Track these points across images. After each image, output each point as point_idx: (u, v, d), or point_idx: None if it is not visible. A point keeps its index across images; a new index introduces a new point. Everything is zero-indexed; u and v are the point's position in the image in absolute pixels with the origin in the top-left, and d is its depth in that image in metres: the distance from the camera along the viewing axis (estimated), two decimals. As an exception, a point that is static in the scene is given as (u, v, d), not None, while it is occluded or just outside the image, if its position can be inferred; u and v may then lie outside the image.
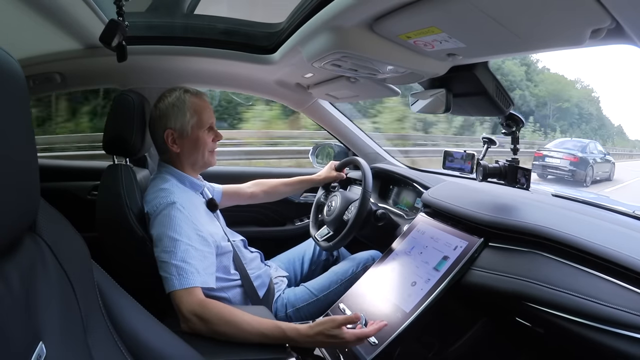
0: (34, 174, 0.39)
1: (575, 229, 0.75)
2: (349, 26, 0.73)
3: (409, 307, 0.85)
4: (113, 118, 0.95)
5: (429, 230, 1.03)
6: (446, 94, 0.95)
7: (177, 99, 0.96)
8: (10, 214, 0.36)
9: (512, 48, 0.71)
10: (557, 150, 7.77)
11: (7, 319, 0.35)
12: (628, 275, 0.63)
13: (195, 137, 0.97)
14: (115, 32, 0.81)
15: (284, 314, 1.06)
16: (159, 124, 0.96)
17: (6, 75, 0.35)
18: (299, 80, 1.32)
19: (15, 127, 0.36)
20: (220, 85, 1.52)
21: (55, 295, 0.41)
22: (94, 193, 1.39)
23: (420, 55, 0.82)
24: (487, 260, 0.84)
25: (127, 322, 0.51)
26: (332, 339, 0.75)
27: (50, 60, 1.14)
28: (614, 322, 0.60)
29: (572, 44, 0.62)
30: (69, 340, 0.41)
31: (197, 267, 0.82)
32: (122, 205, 0.89)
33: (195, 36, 1.14)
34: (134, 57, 0.98)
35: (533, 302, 0.70)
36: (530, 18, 0.57)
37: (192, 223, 0.87)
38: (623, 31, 0.55)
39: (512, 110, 0.97)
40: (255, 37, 1.14)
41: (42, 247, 0.43)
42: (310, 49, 0.87)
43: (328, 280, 1.13)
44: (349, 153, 1.66)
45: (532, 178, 0.94)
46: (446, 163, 1.13)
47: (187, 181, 0.99)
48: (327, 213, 1.31)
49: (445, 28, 0.65)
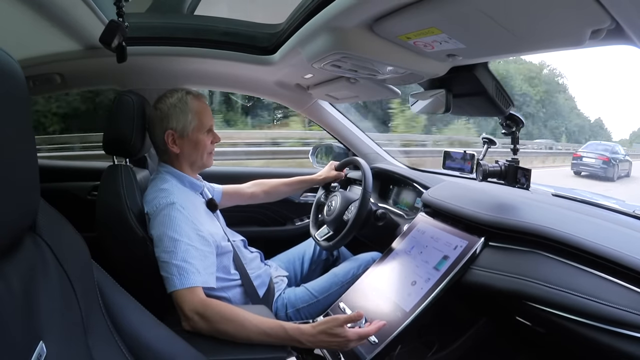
0: (34, 174, 0.39)
1: (576, 228, 0.76)
2: (349, 27, 0.73)
3: (409, 307, 0.85)
4: (113, 119, 0.95)
5: (429, 229, 1.03)
6: (446, 94, 0.95)
7: (179, 100, 0.96)
8: (11, 214, 0.36)
9: (511, 49, 0.72)
10: (591, 151, 9.78)
11: (7, 318, 0.35)
12: (628, 274, 0.63)
13: (195, 138, 0.97)
14: (115, 33, 0.81)
15: (284, 314, 1.06)
16: (160, 124, 0.96)
17: (6, 75, 0.35)
18: (298, 80, 1.32)
19: (15, 127, 0.36)
20: (220, 86, 1.52)
21: (55, 295, 0.41)
22: (94, 193, 1.39)
23: (420, 56, 0.82)
24: (487, 259, 0.84)
25: (127, 321, 0.51)
26: (335, 337, 0.75)
27: (50, 60, 1.14)
28: (614, 321, 0.60)
29: (572, 45, 0.62)
30: (69, 340, 0.41)
31: (198, 267, 0.83)
32: (122, 205, 0.89)
33: (195, 37, 1.14)
34: (133, 58, 0.98)
35: (533, 302, 0.70)
36: (530, 19, 0.57)
37: (192, 223, 0.87)
38: (623, 32, 0.55)
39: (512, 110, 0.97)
40: (255, 38, 1.14)
41: (42, 247, 0.43)
42: (310, 50, 0.87)
43: (329, 282, 1.12)
44: (349, 153, 1.67)
45: (568, 174, 0.94)
46: (446, 163, 1.13)
47: (186, 181, 0.99)
48: (327, 213, 1.31)
49: (445, 29, 0.65)
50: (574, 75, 63.72)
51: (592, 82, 63.00)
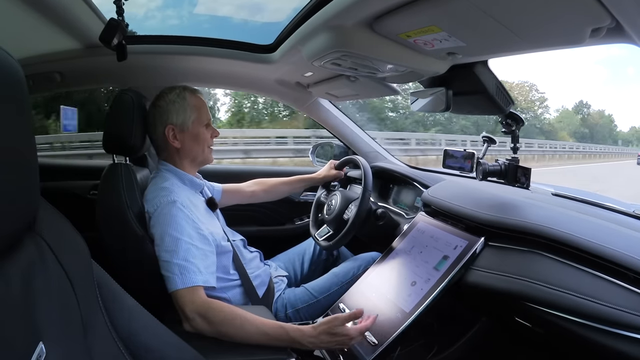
0: (34, 174, 0.39)
1: (576, 228, 0.75)
2: (349, 25, 0.73)
3: (409, 307, 0.85)
4: (112, 117, 0.95)
5: (429, 229, 1.03)
6: (446, 92, 0.95)
7: (177, 96, 0.97)
8: (10, 214, 0.36)
9: (512, 47, 0.71)
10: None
11: (7, 318, 0.35)
12: (628, 275, 0.63)
13: (195, 132, 0.99)
14: (115, 32, 0.82)
15: (284, 315, 1.06)
16: (159, 120, 0.96)
17: (6, 75, 0.35)
18: (299, 79, 1.32)
19: (15, 127, 0.36)
20: (221, 85, 1.52)
21: (55, 294, 0.41)
22: (94, 192, 1.39)
23: (420, 54, 0.82)
24: (487, 259, 0.84)
25: (127, 321, 0.51)
26: (337, 336, 0.76)
27: (50, 59, 1.14)
28: (613, 322, 0.60)
29: (572, 43, 0.62)
30: (68, 340, 0.41)
31: (199, 266, 0.83)
32: (122, 204, 0.89)
33: (195, 35, 1.14)
34: (133, 56, 0.98)
35: (533, 302, 0.70)
36: (530, 17, 0.57)
37: (193, 222, 0.87)
38: (623, 30, 0.55)
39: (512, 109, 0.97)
40: (255, 36, 1.14)
41: (42, 246, 0.43)
42: (310, 48, 0.87)
43: (328, 282, 1.12)
44: (348, 152, 1.66)
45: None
46: (446, 162, 1.13)
47: (187, 180, 0.99)
48: (327, 212, 1.31)
49: (445, 27, 0.65)
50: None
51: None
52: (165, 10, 7.44)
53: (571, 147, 21.58)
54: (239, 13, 1.06)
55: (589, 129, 39.16)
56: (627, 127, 59.01)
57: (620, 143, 38.43)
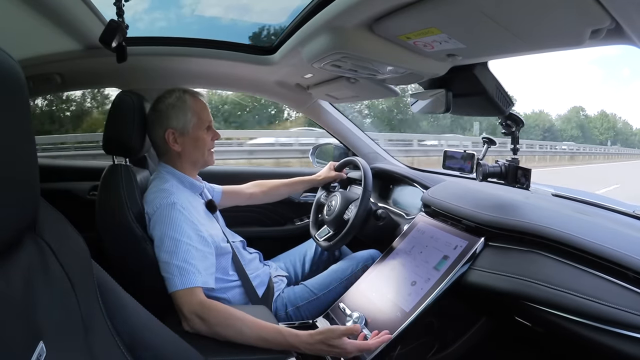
0: (34, 174, 0.39)
1: (576, 228, 0.75)
2: (349, 27, 0.73)
3: (409, 307, 0.85)
4: (112, 118, 0.95)
5: (429, 229, 1.03)
6: (446, 94, 0.95)
7: (177, 99, 0.97)
8: (10, 215, 0.36)
9: (511, 49, 0.72)
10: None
11: (7, 318, 0.35)
12: (628, 275, 0.63)
13: (195, 136, 0.98)
14: (115, 33, 0.81)
15: (284, 313, 1.06)
16: (159, 124, 0.96)
17: (6, 75, 0.35)
18: (298, 80, 1.32)
19: (15, 127, 0.36)
20: (221, 86, 1.52)
21: (55, 295, 0.41)
22: (93, 193, 1.39)
23: (420, 56, 0.82)
24: (487, 259, 0.84)
25: (127, 321, 0.51)
26: (333, 348, 0.76)
27: (50, 61, 1.14)
28: (614, 321, 0.60)
29: (572, 45, 0.62)
30: (69, 340, 0.41)
31: (199, 267, 0.83)
32: (122, 205, 0.89)
33: (195, 37, 1.14)
34: (133, 58, 0.98)
35: (533, 302, 0.70)
36: (530, 19, 0.57)
37: (192, 223, 0.87)
38: (623, 31, 0.55)
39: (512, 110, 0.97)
40: (256, 37, 1.14)
41: (42, 247, 0.43)
42: (310, 50, 0.87)
43: (328, 279, 1.12)
44: (348, 153, 1.67)
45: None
46: (446, 163, 1.13)
47: (187, 182, 0.99)
48: (327, 213, 1.31)
49: (445, 29, 0.65)
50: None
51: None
52: (166, 11, 7.47)
53: (571, 148, 21.64)
54: (240, 15, 1.07)
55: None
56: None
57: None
